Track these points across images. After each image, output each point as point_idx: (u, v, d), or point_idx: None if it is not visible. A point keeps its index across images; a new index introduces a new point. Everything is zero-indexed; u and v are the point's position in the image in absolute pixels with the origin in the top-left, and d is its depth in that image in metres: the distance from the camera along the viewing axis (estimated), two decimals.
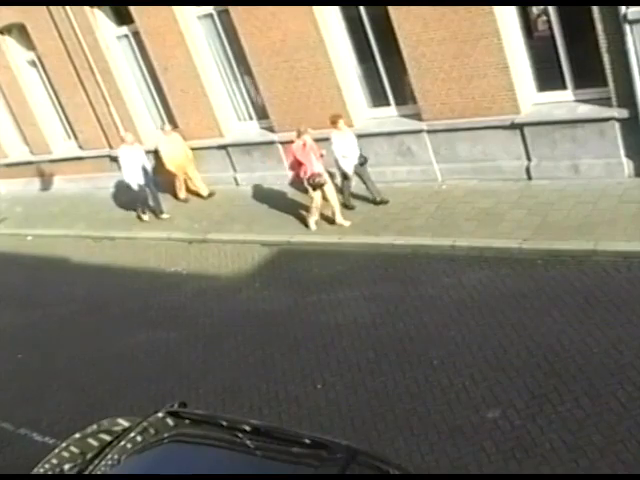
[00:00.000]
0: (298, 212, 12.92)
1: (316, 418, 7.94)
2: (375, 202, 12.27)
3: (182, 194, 15.50)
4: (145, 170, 14.88)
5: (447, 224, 11.01)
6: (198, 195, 15.39)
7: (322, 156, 11.96)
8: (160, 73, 15.23)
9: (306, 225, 12.37)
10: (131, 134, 15.31)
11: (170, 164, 14.97)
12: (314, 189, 11.94)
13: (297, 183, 12.95)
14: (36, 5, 16.20)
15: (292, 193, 13.76)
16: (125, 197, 16.21)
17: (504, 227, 10.43)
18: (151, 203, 15.23)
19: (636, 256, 8.93)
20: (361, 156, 12.06)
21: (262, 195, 14.38)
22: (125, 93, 16.35)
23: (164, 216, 14.95)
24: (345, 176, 12.23)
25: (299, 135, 11.85)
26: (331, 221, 12.19)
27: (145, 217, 15.20)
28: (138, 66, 16.07)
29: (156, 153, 15.62)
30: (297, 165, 11.97)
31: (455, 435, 7.10)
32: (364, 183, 12.28)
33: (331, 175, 12.55)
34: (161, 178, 15.42)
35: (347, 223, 12.01)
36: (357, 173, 12.18)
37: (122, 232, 15.11)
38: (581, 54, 10.58)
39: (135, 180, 14.74)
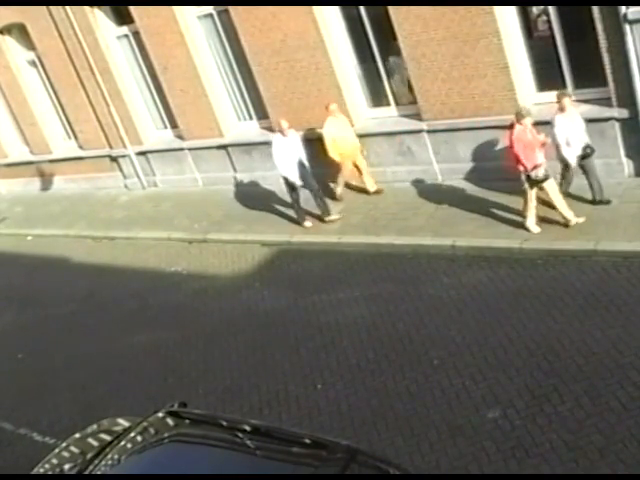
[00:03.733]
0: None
1: (316, 418, 7.95)
2: (594, 201, 10.27)
3: (340, 189, 12.91)
4: (302, 164, 12.33)
5: (447, 224, 11.01)
6: (363, 191, 12.86)
7: (544, 145, 9.96)
8: (160, 73, 15.22)
9: (525, 229, 10.15)
10: (286, 121, 12.31)
11: (334, 151, 12.31)
12: (532, 185, 9.95)
13: (510, 177, 10.52)
14: (36, 5, 16.20)
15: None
16: (256, 195, 14.44)
17: (504, 227, 10.43)
18: (315, 204, 12.57)
19: (636, 256, 8.93)
20: (587, 146, 10.09)
21: (429, 192, 12.21)
22: (125, 93, 16.35)
23: (332, 217, 12.31)
24: (566, 167, 10.30)
25: (519, 119, 9.85)
26: (561, 222, 10.07)
27: (308, 223, 12.47)
28: (138, 66, 16.07)
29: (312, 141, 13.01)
30: (514, 155, 9.91)
31: (455, 435, 7.11)
32: (587, 178, 10.28)
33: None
34: (318, 171, 12.67)
35: (581, 220, 9.92)
36: (581, 165, 10.22)
37: (122, 232, 15.11)
38: (581, 54, 10.58)
39: (294, 175, 12.23)
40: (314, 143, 12.82)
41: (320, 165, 12.66)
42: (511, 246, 9.94)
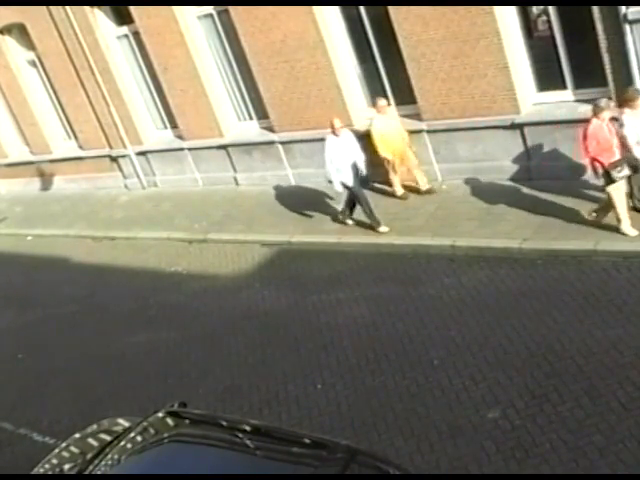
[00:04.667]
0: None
1: (316, 418, 7.95)
2: (637, 209, 9.65)
3: (399, 189, 12.25)
4: (355, 167, 11.55)
5: (447, 224, 11.00)
6: (413, 190, 12.24)
7: (621, 141, 9.22)
8: (160, 73, 15.23)
9: (617, 230, 9.39)
10: (339, 119, 11.66)
11: (384, 149, 11.71)
12: (610, 182, 9.17)
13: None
14: (36, 5, 16.21)
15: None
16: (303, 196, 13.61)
17: (504, 227, 10.42)
18: (356, 210, 11.85)
19: (636, 256, 8.93)
20: None
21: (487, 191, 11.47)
22: (125, 93, 16.35)
23: (382, 229, 11.44)
24: (635, 168, 9.35)
25: (597, 112, 9.13)
26: (613, 228, 9.47)
27: (350, 222, 12.01)
28: (138, 66, 16.08)
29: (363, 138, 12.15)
30: (585, 150, 9.27)
31: (455, 435, 7.10)
32: (629, 183, 9.54)
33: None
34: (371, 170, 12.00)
35: (634, 232, 9.27)
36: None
37: (122, 232, 15.11)
38: (581, 54, 10.58)
39: (340, 179, 11.50)
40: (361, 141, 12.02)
41: (374, 163, 12.01)
42: (511, 246, 9.94)
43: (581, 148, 9.45)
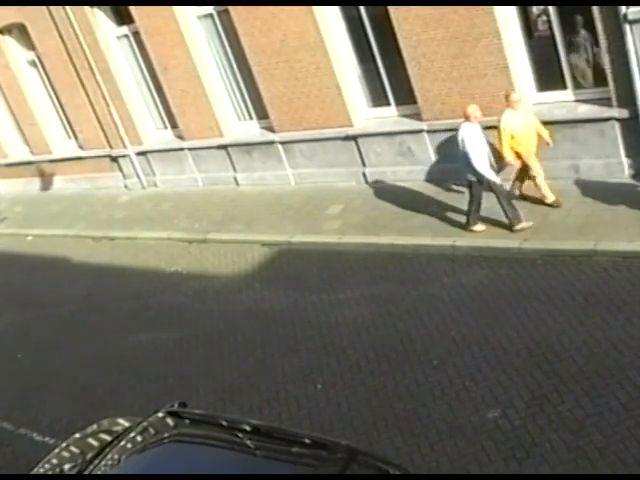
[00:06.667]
0: None
1: (316, 418, 7.94)
2: None
3: (517, 189, 11.07)
4: (490, 159, 10.43)
5: (447, 224, 10.99)
6: (536, 201, 10.78)
7: None
8: (160, 73, 15.23)
9: None
10: (478, 107, 10.30)
11: (509, 150, 10.36)
12: None
13: None
14: (36, 5, 16.21)
15: None
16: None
17: (504, 227, 10.42)
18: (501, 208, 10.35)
19: (636, 256, 8.92)
20: None
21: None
22: (125, 93, 16.36)
23: (521, 226, 10.20)
24: None
25: None
26: None
27: (478, 227, 10.61)
28: (138, 66, 16.08)
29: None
30: None
31: (455, 435, 7.10)
32: None
33: None
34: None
35: None
36: None
37: (122, 232, 15.11)
38: (581, 54, 10.58)
39: (489, 170, 10.20)
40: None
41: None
42: (511, 246, 9.94)
43: None
